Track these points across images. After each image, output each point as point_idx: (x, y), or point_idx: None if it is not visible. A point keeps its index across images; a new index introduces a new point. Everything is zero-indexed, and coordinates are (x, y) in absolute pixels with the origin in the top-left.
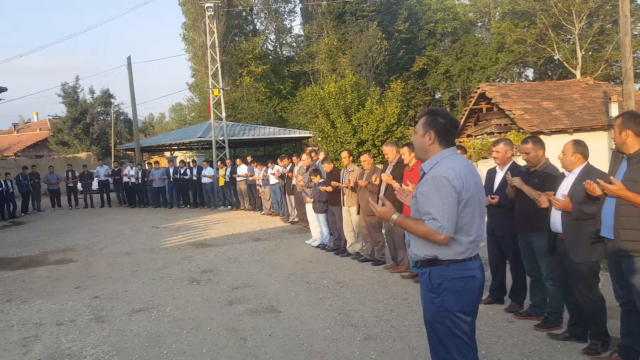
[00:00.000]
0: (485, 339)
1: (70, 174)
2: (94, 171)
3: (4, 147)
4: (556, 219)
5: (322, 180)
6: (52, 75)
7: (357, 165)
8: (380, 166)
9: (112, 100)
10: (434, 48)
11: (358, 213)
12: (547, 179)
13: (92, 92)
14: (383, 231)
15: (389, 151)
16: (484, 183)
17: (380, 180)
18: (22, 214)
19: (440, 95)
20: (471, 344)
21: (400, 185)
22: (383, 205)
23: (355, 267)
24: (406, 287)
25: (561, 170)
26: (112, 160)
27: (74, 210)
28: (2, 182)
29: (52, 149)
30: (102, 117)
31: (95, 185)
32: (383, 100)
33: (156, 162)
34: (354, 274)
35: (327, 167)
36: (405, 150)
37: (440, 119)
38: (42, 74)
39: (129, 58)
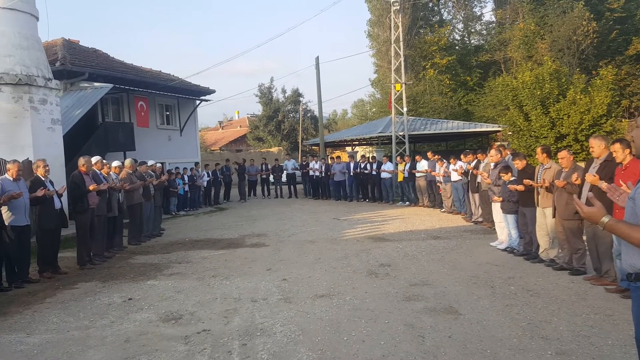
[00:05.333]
0: None
1: (264, 166)
2: (284, 164)
3: (211, 142)
4: None
5: (512, 178)
6: (252, 77)
7: (555, 163)
8: (582, 164)
9: (301, 98)
10: None
11: (554, 216)
12: None
13: (284, 91)
14: (584, 237)
15: (596, 145)
16: None
17: (582, 181)
18: (224, 200)
19: None
20: None
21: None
22: (591, 205)
23: (549, 275)
24: (611, 302)
25: None
26: (300, 154)
27: (266, 200)
28: (209, 173)
29: (249, 144)
30: (291, 115)
31: (284, 177)
32: (589, 89)
33: (337, 157)
34: (546, 282)
35: (519, 164)
36: (617, 147)
37: None
38: (244, 76)
39: (317, 58)
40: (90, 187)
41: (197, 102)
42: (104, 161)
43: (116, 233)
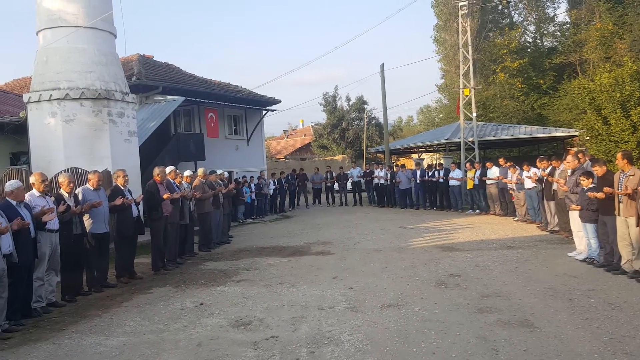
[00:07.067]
0: None
1: (328, 174)
2: (349, 172)
3: (277, 151)
4: None
5: (592, 185)
6: (317, 85)
7: (638, 169)
8: None
9: (365, 106)
10: None
11: (638, 225)
12: None
13: (348, 99)
14: None
15: None
16: None
17: None
18: (290, 208)
19: None
20: None
21: None
22: None
23: (632, 287)
24: None
25: None
26: (364, 162)
27: (330, 208)
28: (275, 181)
29: (314, 152)
30: (356, 123)
31: (349, 185)
32: None
33: (402, 165)
34: (630, 295)
35: (598, 171)
36: None
37: None
38: (308, 85)
39: (382, 65)
40: (165, 196)
41: (264, 112)
42: (177, 171)
43: (187, 240)
